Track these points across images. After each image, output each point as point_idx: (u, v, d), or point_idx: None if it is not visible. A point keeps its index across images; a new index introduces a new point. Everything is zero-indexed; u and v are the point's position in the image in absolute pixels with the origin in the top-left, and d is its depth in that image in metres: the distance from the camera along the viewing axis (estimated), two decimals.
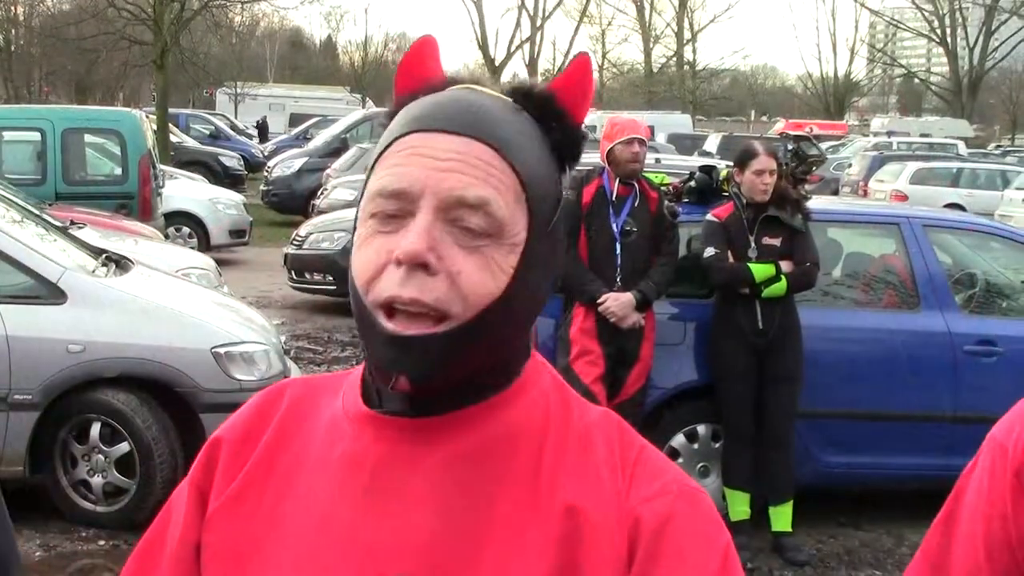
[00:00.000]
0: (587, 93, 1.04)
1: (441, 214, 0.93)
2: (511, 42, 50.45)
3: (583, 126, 1.05)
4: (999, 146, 47.00)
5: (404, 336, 0.92)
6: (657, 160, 9.24)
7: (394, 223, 0.95)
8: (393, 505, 0.96)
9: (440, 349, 0.93)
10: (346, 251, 8.72)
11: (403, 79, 1.04)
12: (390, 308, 0.93)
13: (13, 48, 47.02)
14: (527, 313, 1.00)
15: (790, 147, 5.72)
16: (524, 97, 1.02)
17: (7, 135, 11.08)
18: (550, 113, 1.02)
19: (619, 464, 0.99)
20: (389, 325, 0.93)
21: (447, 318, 0.93)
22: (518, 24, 50.48)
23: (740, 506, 5.16)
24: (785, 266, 5.03)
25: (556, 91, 1.02)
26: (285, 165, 19.31)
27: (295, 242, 11.23)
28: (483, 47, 49.90)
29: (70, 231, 6.73)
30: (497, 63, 47.43)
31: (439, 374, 0.94)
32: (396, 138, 0.98)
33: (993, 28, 50.13)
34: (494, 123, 0.98)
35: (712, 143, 27.16)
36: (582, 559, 0.94)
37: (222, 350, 5.30)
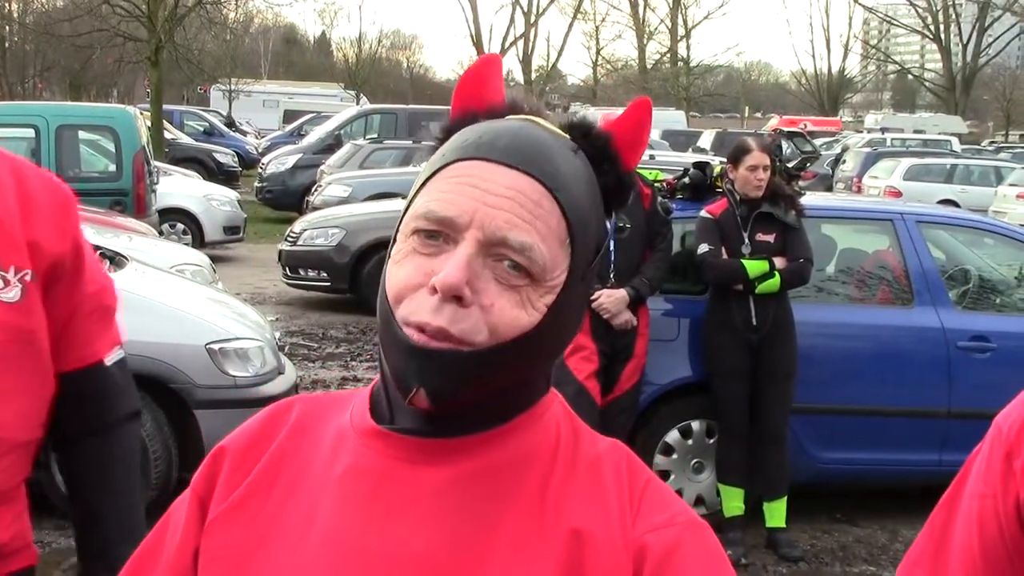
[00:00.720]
0: (642, 139, 1.04)
1: (483, 249, 0.93)
2: (505, 38, 50.44)
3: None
4: (993, 142, 47.05)
5: (428, 348, 0.92)
6: (651, 156, 9.25)
7: (435, 246, 0.94)
8: (398, 519, 0.96)
9: (462, 367, 0.92)
10: (341, 248, 8.66)
11: (465, 98, 1.04)
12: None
13: (7, 44, 46.95)
14: (553, 347, 1.00)
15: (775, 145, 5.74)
16: (582, 136, 1.02)
17: (0, 132, 11.03)
18: (605, 155, 1.02)
19: (627, 492, 0.99)
20: (415, 335, 0.93)
21: (471, 344, 0.92)
22: (512, 20, 50.52)
23: (734, 502, 5.16)
24: (779, 262, 5.04)
25: (613, 133, 1.02)
26: (279, 161, 19.31)
27: (289, 238, 11.22)
28: (477, 43, 49.84)
29: None
30: None
31: (459, 391, 0.93)
32: (451, 162, 0.97)
33: (986, 25, 50.27)
34: (551, 162, 0.96)
35: (706, 139, 27.26)
36: None
37: (216, 346, 5.29)
